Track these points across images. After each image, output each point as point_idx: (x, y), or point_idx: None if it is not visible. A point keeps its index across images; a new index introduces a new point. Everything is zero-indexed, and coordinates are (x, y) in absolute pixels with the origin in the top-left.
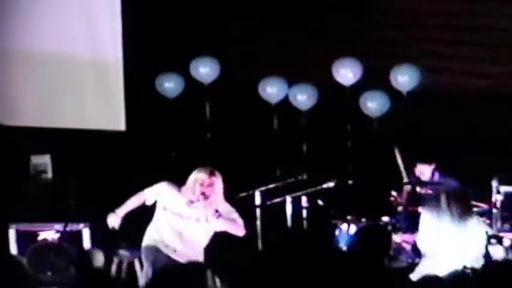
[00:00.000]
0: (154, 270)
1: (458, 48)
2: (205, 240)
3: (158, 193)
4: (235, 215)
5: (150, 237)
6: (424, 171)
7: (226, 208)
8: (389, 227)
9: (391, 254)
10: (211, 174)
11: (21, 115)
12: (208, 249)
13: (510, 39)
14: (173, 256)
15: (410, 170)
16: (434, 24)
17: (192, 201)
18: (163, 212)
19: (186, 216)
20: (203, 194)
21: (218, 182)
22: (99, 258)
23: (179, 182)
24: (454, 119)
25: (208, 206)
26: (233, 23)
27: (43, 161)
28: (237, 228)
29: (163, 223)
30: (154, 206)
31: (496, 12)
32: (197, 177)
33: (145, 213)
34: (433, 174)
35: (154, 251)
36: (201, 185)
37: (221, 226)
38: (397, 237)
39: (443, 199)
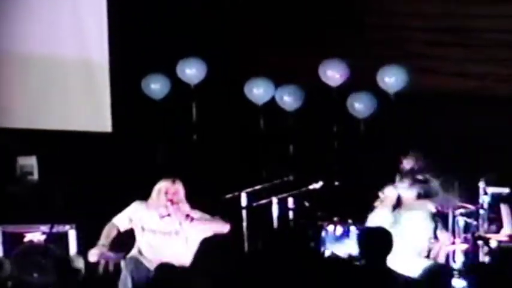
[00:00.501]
0: (132, 279)
1: (444, 49)
2: (189, 251)
3: (130, 217)
4: (207, 215)
5: (134, 251)
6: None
7: (197, 213)
8: None
9: None
10: (174, 182)
11: (7, 116)
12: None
13: (496, 41)
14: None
15: (397, 170)
16: (421, 26)
17: (163, 216)
18: (142, 233)
19: (164, 231)
20: (171, 201)
21: (181, 189)
22: (79, 262)
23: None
24: (441, 120)
25: (179, 213)
26: (220, 24)
27: (29, 162)
28: (219, 226)
29: (144, 244)
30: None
31: (482, 14)
32: (161, 186)
33: None
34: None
35: (135, 261)
36: (166, 193)
37: (201, 229)
38: None
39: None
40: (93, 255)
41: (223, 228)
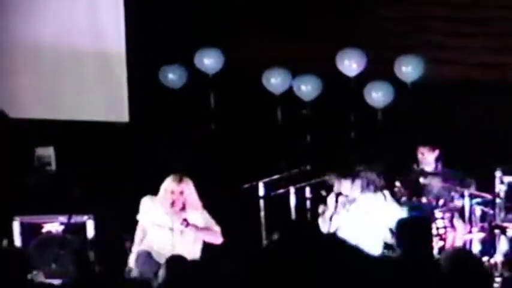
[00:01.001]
0: (141, 274)
1: (462, 39)
2: (195, 248)
3: (144, 213)
4: (211, 222)
5: (143, 246)
6: (428, 158)
7: (202, 216)
8: None
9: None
10: (180, 181)
11: (25, 107)
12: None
13: None
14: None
15: (414, 160)
16: (438, 16)
17: (167, 213)
18: (152, 227)
19: (170, 227)
20: (173, 203)
21: (188, 188)
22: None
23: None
24: (458, 109)
25: (175, 215)
26: (237, 14)
27: (47, 153)
28: (212, 237)
29: (154, 239)
30: None
31: (499, 4)
32: (167, 185)
33: None
34: (436, 164)
35: (145, 256)
36: (172, 193)
37: (194, 235)
38: None
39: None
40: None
41: (216, 240)
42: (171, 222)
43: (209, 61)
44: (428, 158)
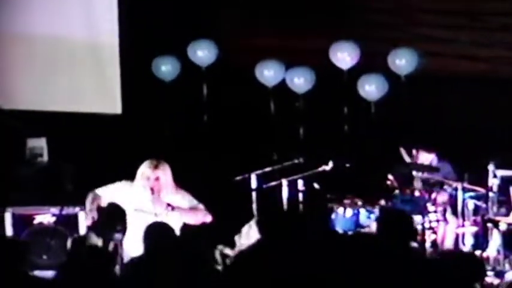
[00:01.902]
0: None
1: (455, 32)
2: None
3: (114, 192)
4: (194, 202)
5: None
6: (422, 158)
7: (184, 198)
8: None
9: None
10: (156, 167)
11: (17, 98)
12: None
13: (506, 24)
14: None
15: (408, 154)
16: (431, 8)
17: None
18: (134, 213)
19: (153, 211)
20: (152, 189)
21: (164, 174)
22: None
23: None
24: (451, 102)
25: (158, 202)
26: (230, 6)
27: (39, 144)
28: (199, 217)
29: (139, 225)
30: None
31: None
32: (142, 172)
33: None
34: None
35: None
36: (147, 179)
37: (181, 218)
38: None
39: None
40: (87, 220)
41: (205, 218)
42: (154, 208)
43: (202, 53)
44: (422, 158)
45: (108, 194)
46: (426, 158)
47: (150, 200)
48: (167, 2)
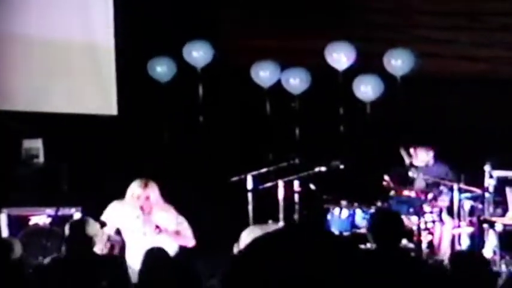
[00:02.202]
0: None
1: (452, 33)
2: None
3: (113, 218)
4: (184, 225)
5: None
6: (420, 156)
7: (171, 217)
8: None
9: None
10: (145, 186)
11: (12, 100)
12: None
13: (505, 24)
14: None
15: (407, 153)
16: (427, 9)
17: (138, 217)
18: (125, 232)
19: (143, 231)
20: (142, 208)
21: (153, 192)
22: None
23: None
24: (448, 103)
25: (148, 222)
26: (226, 7)
27: (35, 145)
28: (183, 241)
29: (133, 247)
30: None
31: None
32: (133, 191)
33: None
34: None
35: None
36: (138, 198)
37: (167, 240)
38: None
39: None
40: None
41: (188, 243)
42: (144, 227)
43: (198, 54)
44: (420, 157)
45: (109, 218)
46: (424, 156)
47: (140, 220)
48: (163, 3)
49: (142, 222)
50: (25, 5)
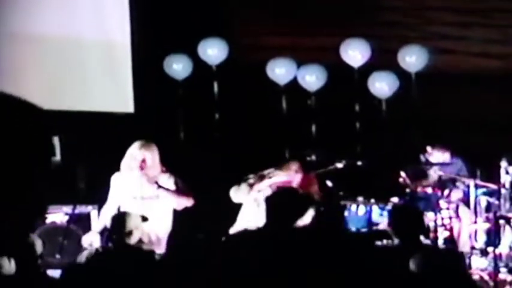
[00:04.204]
0: None
1: (466, 30)
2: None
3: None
4: (179, 185)
5: None
6: (436, 156)
7: (168, 179)
8: None
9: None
10: (142, 147)
11: (29, 98)
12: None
13: None
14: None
15: (421, 151)
16: (442, 6)
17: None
18: (130, 202)
19: (144, 196)
20: (140, 167)
21: (152, 154)
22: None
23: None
24: (463, 99)
25: (146, 180)
26: (241, 4)
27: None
28: (183, 200)
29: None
30: None
31: None
32: (131, 153)
33: None
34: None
35: None
36: (135, 159)
37: (164, 205)
38: None
39: None
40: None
41: (188, 202)
42: (142, 187)
43: (213, 51)
44: (436, 156)
45: (120, 194)
46: (440, 156)
47: (136, 180)
48: (178, 0)
49: (139, 183)
50: (40, 4)
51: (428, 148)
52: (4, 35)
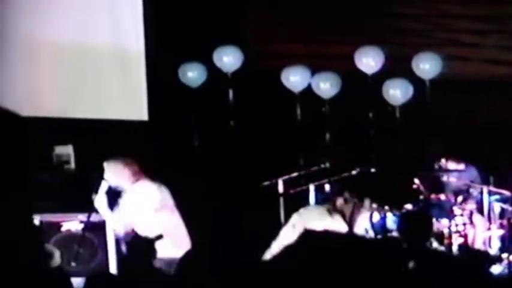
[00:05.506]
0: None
1: (480, 37)
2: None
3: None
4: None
5: None
6: (452, 166)
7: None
8: None
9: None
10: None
11: (44, 106)
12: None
13: None
14: None
15: (435, 159)
16: (456, 13)
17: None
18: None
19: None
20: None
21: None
22: None
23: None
24: (477, 106)
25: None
26: (256, 12)
27: (66, 151)
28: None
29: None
30: None
31: None
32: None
33: None
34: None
35: None
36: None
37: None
38: None
39: None
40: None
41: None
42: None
43: (228, 59)
44: (451, 166)
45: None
46: (455, 167)
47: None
48: (192, 8)
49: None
50: (55, 11)
51: (443, 160)
52: (20, 42)
